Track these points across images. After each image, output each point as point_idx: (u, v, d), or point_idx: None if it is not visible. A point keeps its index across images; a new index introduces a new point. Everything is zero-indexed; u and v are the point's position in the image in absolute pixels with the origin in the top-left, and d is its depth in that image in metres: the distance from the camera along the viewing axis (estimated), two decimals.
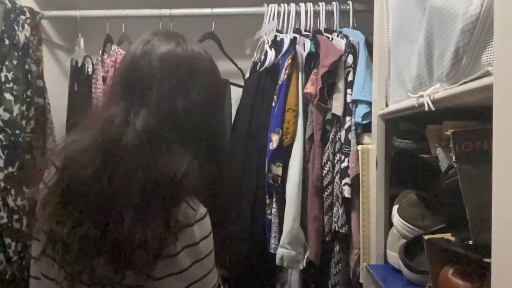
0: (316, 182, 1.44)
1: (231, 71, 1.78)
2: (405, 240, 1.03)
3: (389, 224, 1.15)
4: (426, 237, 0.85)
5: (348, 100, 1.42)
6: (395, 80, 1.11)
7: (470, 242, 0.70)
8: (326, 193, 1.43)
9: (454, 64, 0.69)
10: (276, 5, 1.62)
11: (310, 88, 1.42)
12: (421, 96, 0.81)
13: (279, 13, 1.63)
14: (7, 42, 1.47)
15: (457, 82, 0.70)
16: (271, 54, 1.53)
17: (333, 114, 1.43)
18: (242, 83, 1.74)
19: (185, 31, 0.81)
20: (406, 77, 0.98)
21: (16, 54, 1.50)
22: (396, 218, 1.07)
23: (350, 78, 1.44)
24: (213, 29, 1.70)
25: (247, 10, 1.68)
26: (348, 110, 1.42)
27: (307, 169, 1.47)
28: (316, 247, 1.44)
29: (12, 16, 1.51)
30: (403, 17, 1.01)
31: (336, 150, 1.43)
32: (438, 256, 0.82)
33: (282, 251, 1.43)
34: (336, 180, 1.42)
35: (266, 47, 1.57)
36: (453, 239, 0.79)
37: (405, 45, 0.99)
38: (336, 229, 1.40)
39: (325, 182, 1.43)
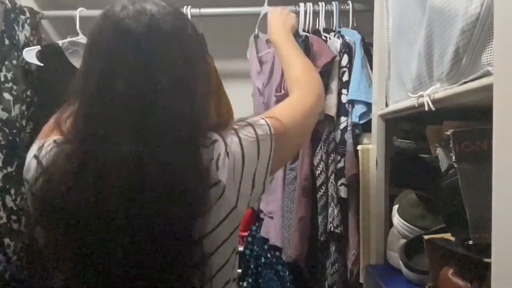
0: (304, 182, 1.43)
1: (238, 71, 1.78)
2: (405, 240, 1.03)
3: (389, 224, 1.15)
4: (426, 237, 0.85)
5: (344, 101, 1.41)
6: (395, 80, 1.11)
7: (470, 242, 0.70)
8: (319, 194, 1.43)
9: (454, 64, 0.69)
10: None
11: None
12: (421, 96, 0.81)
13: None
14: (7, 42, 1.47)
15: (457, 82, 0.70)
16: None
17: (326, 115, 1.43)
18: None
19: None
20: (406, 77, 0.98)
21: (16, 54, 1.50)
22: (396, 218, 1.07)
23: (345, 78, 1.43)
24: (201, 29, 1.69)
25: (242, 10, 1.68)
26: (343, 110, 1.41)
27: (295, 170, 1.46)
28: (299, 248, 1.42)
29: (12, 16, 1.51)
30: (403, 17, 1.01)
31: (330, 150, 1.43)
32: (438, 256, 0.83)
33: None
34: (331, 180, 1.41)
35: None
36: (453, 239, 0.79)
37: (405, 45, 0.99)
38: (332, 229, 1.39)
39: (319, 183, 1.43)
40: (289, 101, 0.83)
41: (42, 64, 1.52)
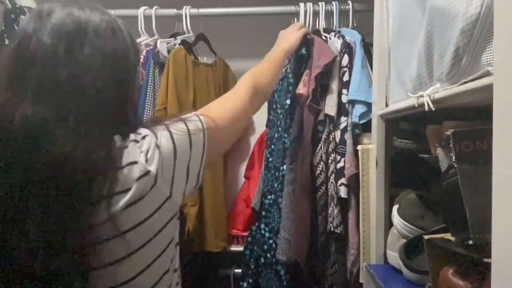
0: (304, 182, 1.43)
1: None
2: (405, 240, 1.03)
3: (389, 224, 1.15)
4: (426, 237, 0.85)
5: (344, 101, 1.41)
6: (395, 80, 1.11)
7: (470, 242, 0.70)
8: (319, 193, 1.43)
9: (454, 64, 0.69)
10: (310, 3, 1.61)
11: (302, 89, 1.42)
12: (421, 96, 0.81)
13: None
14: (7, 42, 1.47)
15: (457, 82, 0.70)
16: None
17: (326, 115, 1.43)
18: None
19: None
20: (406, 77, 0.98)
21: None
22: (396, 218, 1.07)
23: (345, 78, 1.43)
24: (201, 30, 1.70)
25: (238, 11, 1.68)
26: (343, 110, 1.42)
27: (294, 170, 1.46)
28: (301, 248, 1.43)
29: (12, 16, 1.51)
30: (403, 17, 1.01)
31: (330, 150, 1.43)
32: (438, 256, 0.83)
33: None
34: (331, 180, 1.41)
35: None
36: (453, 239, 0.79)
37: (405, 45, 0.99)
38: (332, 229, 1.39)
39: (318, 183, 1.43)
40: (225, 98, 0.90)
41: None
